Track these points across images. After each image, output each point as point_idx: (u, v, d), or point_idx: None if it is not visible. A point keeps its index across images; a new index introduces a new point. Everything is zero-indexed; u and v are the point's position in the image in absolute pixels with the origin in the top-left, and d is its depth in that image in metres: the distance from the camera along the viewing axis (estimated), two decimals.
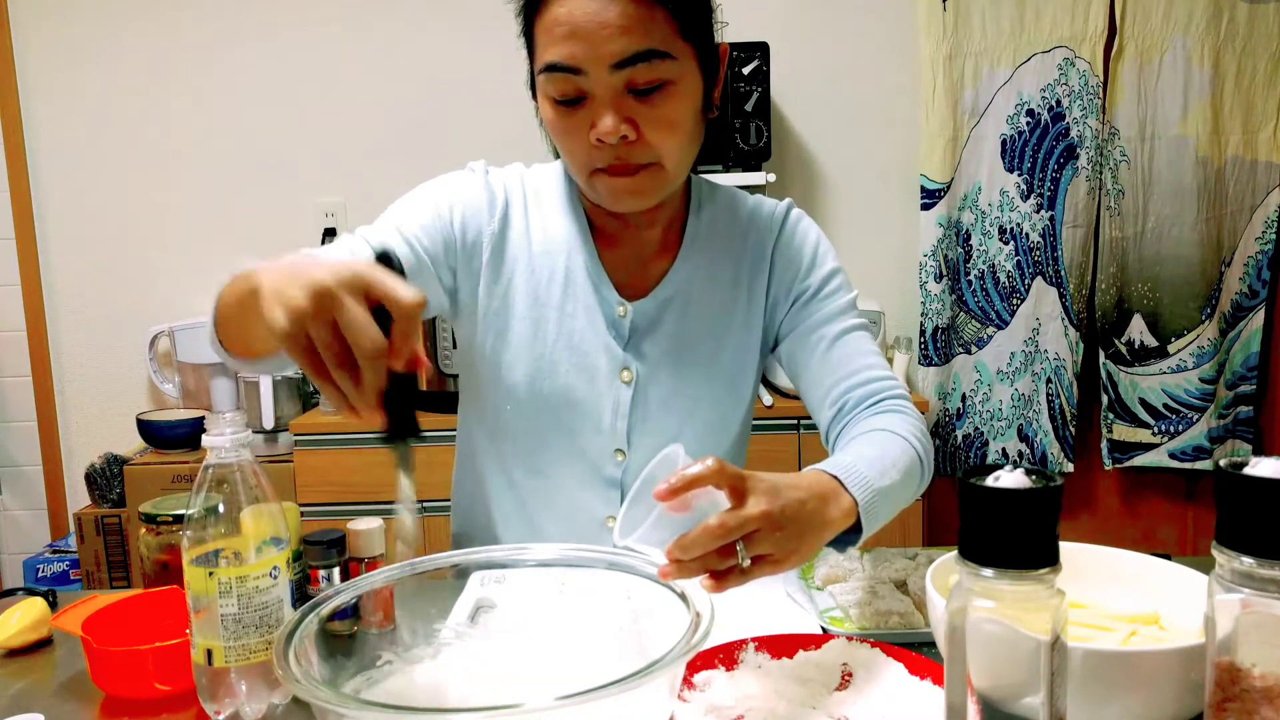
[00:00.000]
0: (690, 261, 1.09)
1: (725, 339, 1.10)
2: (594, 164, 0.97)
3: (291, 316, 0.66)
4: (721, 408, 1.11)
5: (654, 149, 0.97)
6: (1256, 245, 2.56)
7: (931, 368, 2.60)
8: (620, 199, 1.00)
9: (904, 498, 0.95)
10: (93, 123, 2.66)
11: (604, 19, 0.90)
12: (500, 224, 1.07)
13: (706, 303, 1.09)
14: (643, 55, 0.92)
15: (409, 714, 0.63)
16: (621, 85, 0.93)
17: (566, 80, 0.93)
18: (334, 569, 0.95)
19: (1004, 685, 0.56)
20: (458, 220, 1.06)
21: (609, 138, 0.93)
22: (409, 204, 1.07)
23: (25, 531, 2.80)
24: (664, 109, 0.95)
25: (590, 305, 1.07)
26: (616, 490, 1.10)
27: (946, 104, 2.53)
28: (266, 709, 0.79)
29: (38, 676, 0.92)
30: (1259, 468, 0.55)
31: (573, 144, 0.97)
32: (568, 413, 1.07)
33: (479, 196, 1.08)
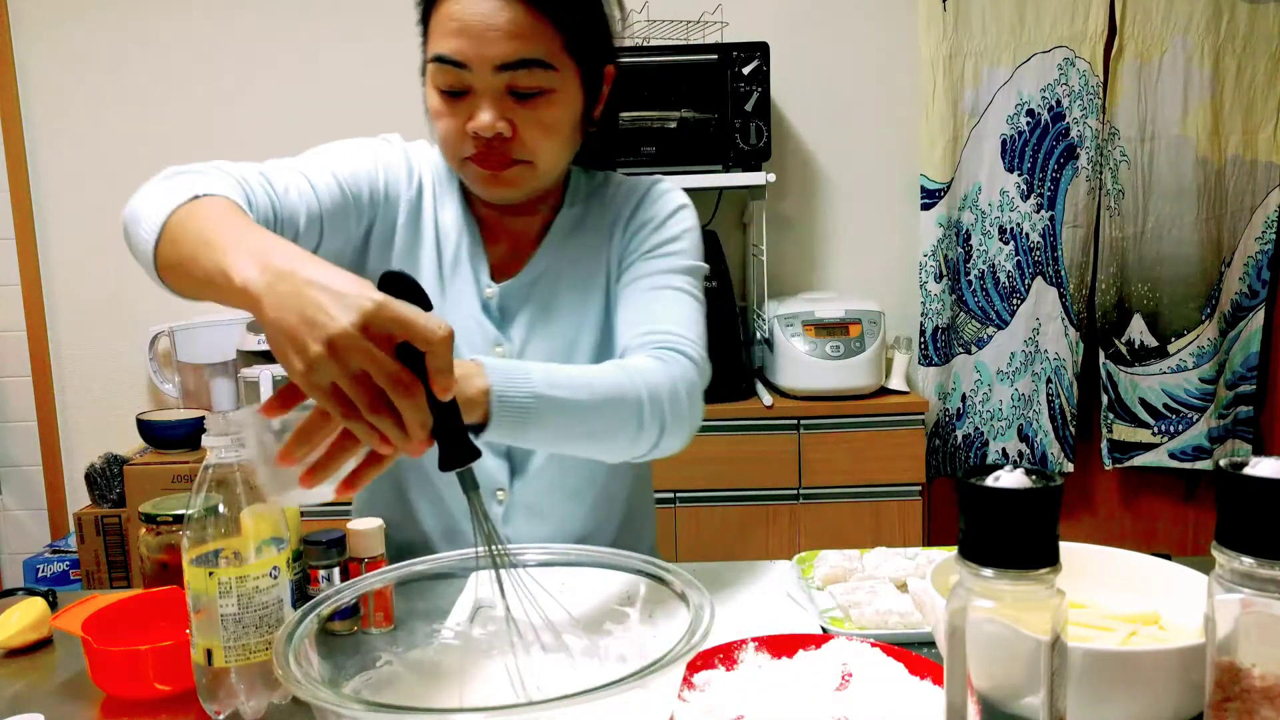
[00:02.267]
0: (555, 245, 1.13)
1: (589, 313, 1.12)
2: (464, 152, 1.02)
3: (313, 367, 0.65)
4: None
5: (528, 149, 1.01)
6: (1256, 245, 2.56)
7: (931, 368, 2.60)
8: (488, 188, 1.05)
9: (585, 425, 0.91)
10: (93, 123, 2.66)
11: (494, 22, 0.95)
12: (416, 194, 1.12)
13: (571, 282, 1.12)
14: (525, 63, 0.97)
15: (409, 714, 0.63)
16: (503, 86, 0.98)
17: (452, 73, 0.98)
18: (334, 569, 0.95)
19: (1004, 685, 0.56)
20: (382, 179, 1.10)
21: (485, 132, 0.98)
22: (337, 149, 1.10)
23: (25, 531, 2.80)
24: (541, 114, 1.00)
25: (469, 286, 1.11)
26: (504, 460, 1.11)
27: (946, 104, 2.53)
28: (266, 709, 0.79)
29: (38, 676, 0.92)
30: (1259, 468, 0.55)
31: (449, 131, 1.02)
32: None
33: (400, 163, 1.12)
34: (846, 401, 2.30)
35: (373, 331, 0.65)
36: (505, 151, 1.01)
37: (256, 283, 0.69)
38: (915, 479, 2.30)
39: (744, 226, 2.67)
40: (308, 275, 0.68)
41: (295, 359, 0.66)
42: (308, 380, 0.66)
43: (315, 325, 0.64)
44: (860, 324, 2.33)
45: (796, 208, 2.69)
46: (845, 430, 2.29)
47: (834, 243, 2.71)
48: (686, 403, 0.97)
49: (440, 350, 0.67)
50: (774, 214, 2.64)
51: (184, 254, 0.80)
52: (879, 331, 2.34)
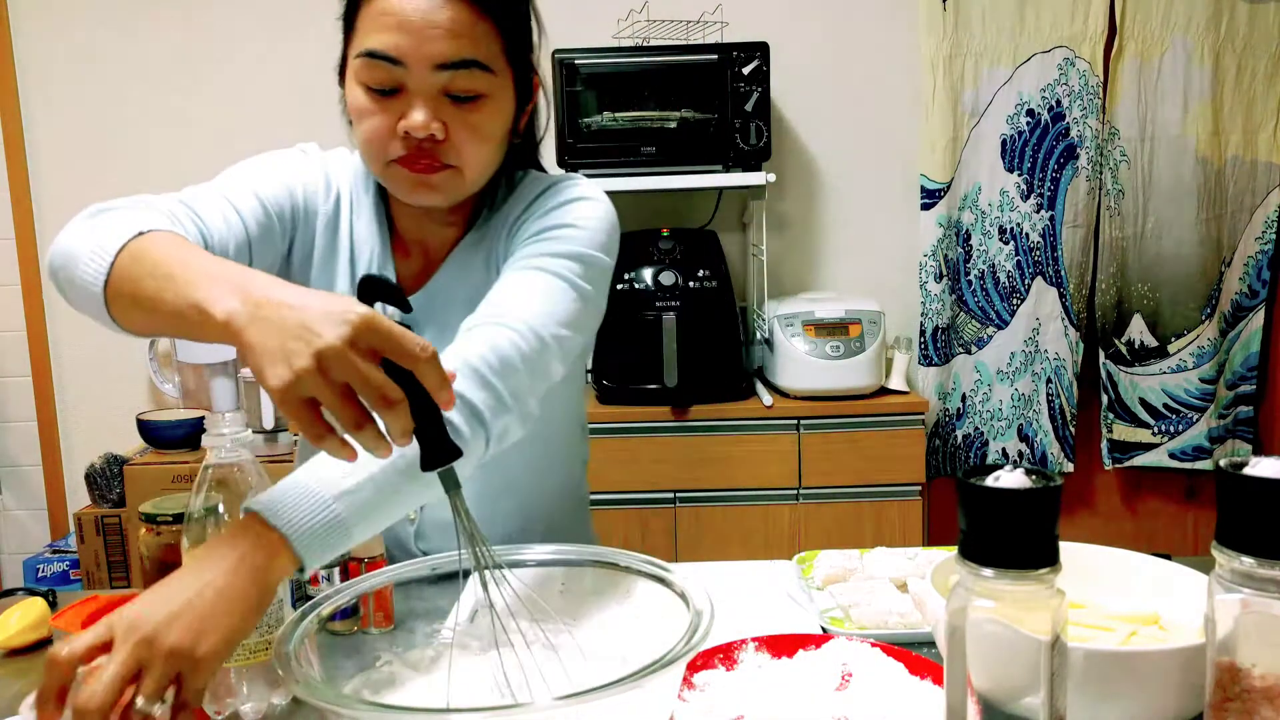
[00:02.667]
0: (458, 260, 1.08)
1: None
2: (392, 154, 0.97)
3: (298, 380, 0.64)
4: None
5: (458, 153, 0.97)
6: (1256, 245, 2.57)
7: (931, 368, 2.60)
8: (416, 191, 0.99)
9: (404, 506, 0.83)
10: (93, 123, 2.66)
11: (435, 19, 0.92)
12: (334, 207, 1.09)
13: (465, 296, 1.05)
14: (466, 63, 0.94)
15: (409, 714, 0.63)
16: (440, 87, 0.94)
17: (386, 70, 0.94)
18: (334, 569, 0.95)
19: (1004, 685, 0.56)
20: (301, 194, 1.07)
21: (418, 132, 0.94)
22: (254, 168, 1.06)
23: (25, 531, 2.80)
24: (475, 118, 0.96)
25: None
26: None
27: (946, 104, 2.53)
28: (266, 709, 0.79)
29: (38, 676, 0.91)
30: (1259, 468, 0.55)
31: (376, 131, 0.96)
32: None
33: (317, 177, 1.09)
34: (846, 401, 2.30)
35: (360, 346, 0.65)
36: (435, 154, 0.96)
37: (239, 314, 0.68)
38: (915, 479, 2.30)
39: (744, 226, 2.67)
40: (288, 299, 0.67)
41: (279, 373, 0.64)
42: (288, 396, 0.65)
43: (303, 341, 0.64)
44: (860, 324, 2.33)
45: (796, 208, 2.69)
46: (845, 430, 2.29)
47: (834, 243, 2.71)
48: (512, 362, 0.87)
49: (428, 368, 0.67)
50: (774, 214, 2.64)
51: (144, 290, 0.77)
52: (879, 331, 2.34)
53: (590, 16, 2.48)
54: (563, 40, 2.27)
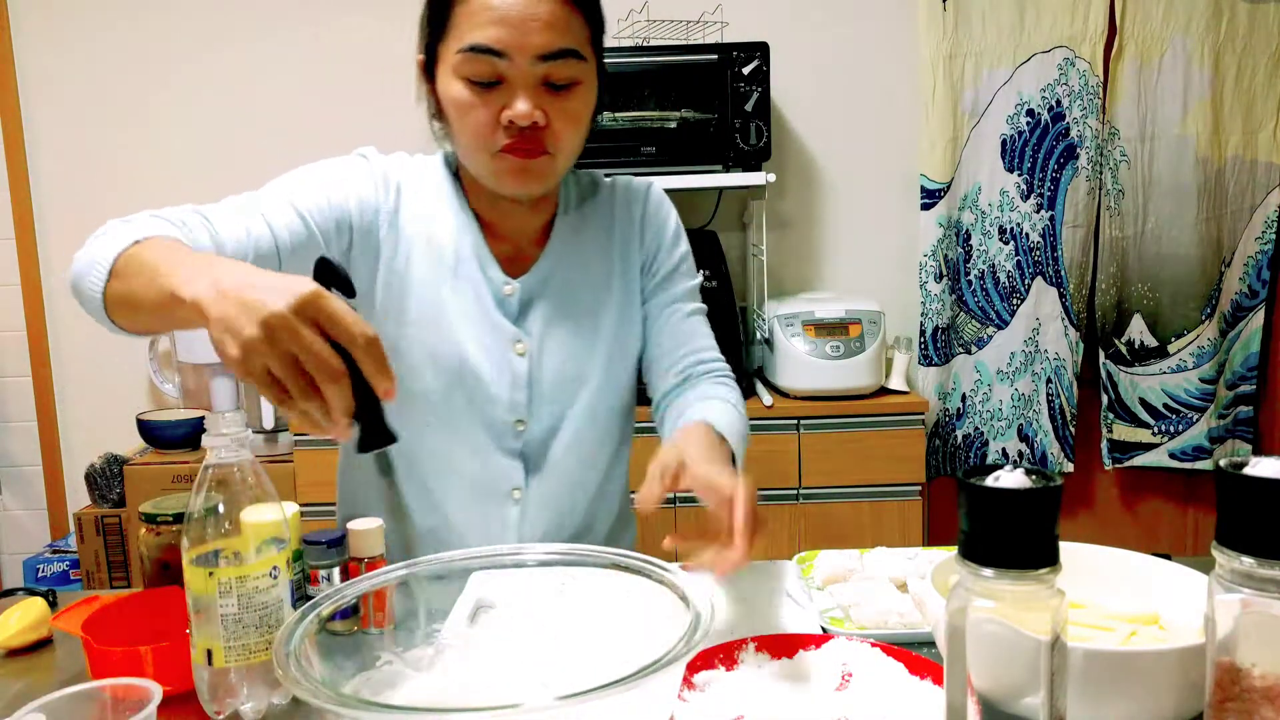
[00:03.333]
0: (561, 244, 1.15)
1: (606, 306, 1.15)
2: (497, 145, 1.02)
3: (247, 349, 0.68)
4: (612, 370, 1.16)
5: (556, 139, 1.03)
6: (1256, 245, 2.57)
7: (931, 368, 2.60)
8: (517, 180, 1.04)
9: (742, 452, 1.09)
10: (93, 123, 2.66)
11: (534, 12, 0.97)
12: (395, 202, 1.11)
13: (583, 273, 1.15)
14: (564, 53, 0.99)
15: (409, 714, 0.63)
16: (540, 77, 1.00)
17: (488, 63, 0.98)
18: (334, 569, 0.95)
19: (1004, 685, 0.56)
20: (353, 202, 1.08)
21: (523, 120, 0.99)
22: (299, 180, 1.08)
23: (25, 531, 2.80)
24: (572, 105, 1.03)
25: (479, 284, 1.11)
26: (519, 461, 1.13)
27: (946, 104, 2.53)
28: (266, 709, 0.79)
29: (38, 676, 0.92)
30: (1259, 468, 0.55)
31: (478, 123, 1.01)
32: (471, 387, 1.10)
33: (371, 179, 1.11)
34: (846, 401, 2.30)
35: (304, 316, 0.68)
36: (539, 141, 1.01)
37: (204, 295, 0.72)
38: (915, 479, 2.30)
39: (744, 226, 2.67)
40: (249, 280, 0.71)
41: (232, 345, 0.69)
42: (244, 365, 0.69)
43: (251, 310, 0.68)
44: (860, 324, 2.33)
45: (796, 208, 2.69)
46: (845, 430, 2.29)
47: (834, 243, 2.71)
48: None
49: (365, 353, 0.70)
50: (774, 214, 2.64)
51: (133, 288, 0.83)
52: (879, 331, 2.34)
53: None
54: None
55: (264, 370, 0.69)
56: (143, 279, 0.81)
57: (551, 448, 1.13)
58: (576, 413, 1.13)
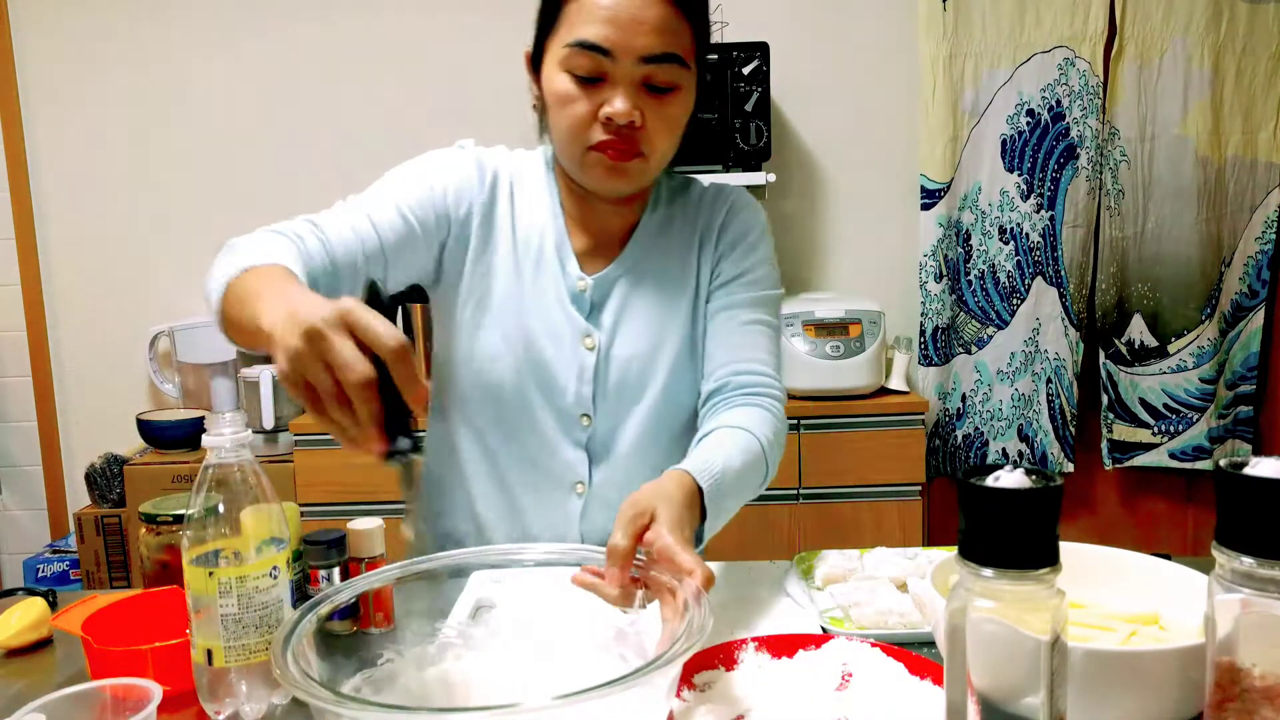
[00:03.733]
0: (643, 242, 1.17)
1: (679, 308, 1.16)
2: (592, 140, 1.04)
3: (291, 361, 0.72)
4: (680, 371, 1.17)
5: (650, 142, 1.05)
6: (1256, 245, 2.56)
7: (931, 368, 2.60)
8: (608, 179, 1.07)
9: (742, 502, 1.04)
10: (93, 123, 2.67)
11: (643, 15, 1.00)
12: (490, 195, 1.15)
13: (660, 275, 1.16)
14: (668, 57, 1.01)
15: (408, 714, 0.63)
16: (641, 78, 1.02)
17: (593, 59, 1.01)
18: (334, 569, 0.95)
19: (1004, 685, 0.56)
20: (451, 194, 1.12)
21: (621, 119, 1.01)
22: (401, 177, 1.13)
23: (25, 531, 2.80)
24: (669, 109, 1.05)
25: (556, 279, 1.14)
26: (583, 454, 1.15)
27: (946, 104, 2.53)
28: (266, 709, 0.79)
29: (38, 676, 0.92)
30: (1259, 468, 0.55)
31: (579, 116, 1.03)
32: (542, 376, 1.13)
33: (470, 171, 1.14)
34: (846, 401, 2.30)
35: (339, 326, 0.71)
36: (634, 140, 1.03)
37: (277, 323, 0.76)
38: (915, 479, 2.30)
39: None
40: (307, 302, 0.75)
41: (281, 359, 0.73)
42: (288, 376, 0.73)
43: (297, 325, 0.72)
44: (860, 324, 2.33)
45: (796, 208, 2.69)
46: (845, 430, 2.29)
47: (834, 243, 2.71)
48: (783, 437, 1.12)
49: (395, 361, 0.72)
50: (774, 214, 2.64)
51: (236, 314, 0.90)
52: (879, 331, 2.34)
53: None
54: None
55: (303, 380, 0.72)
56: (244, 306, 0.87)
57: (616, 443, 1.15)
58: (642, 410, 1.14)
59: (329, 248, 1.01)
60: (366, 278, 0.86)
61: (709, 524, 0.95)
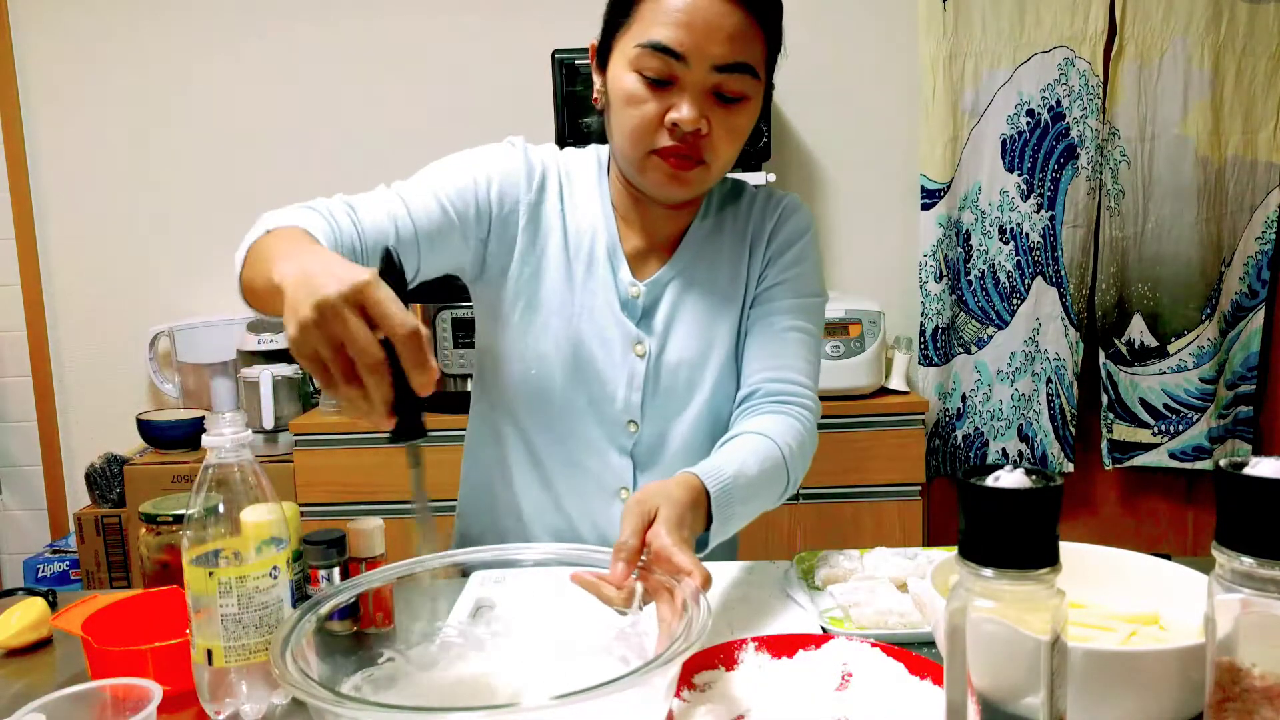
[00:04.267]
0: (694, 247, 1.15)
1: (726, 313, 1.15)
2: (655, 144, 1.02)
3: (301, 330, 0.71)
4: (725, 378, 1.16)
5: (714, 149, 1.03)
6: (1256, 245, 2.56)
7: (931, 368, 2.60)
8: (668, 185, 1.05)
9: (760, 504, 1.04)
10: (93, 123, 2.67)
11: (720, 23, 0.97)
12: (537, 194, 1.13)
13: (709, 281, 1.15)
14: (740, 66, 0.99)
15: (406, 713, 0.63)
16: (712, 85, 1.00)
17: (666, 62, 0.99)
18: (334, 569, 0.95)
19: (1004, 685, 0.56)
20: (495, 189, 1.11)
21: (688, 126, 0.99)
22: (446, 166, 1.11)
23: (25, 531, 2.80)
24: (736, 119, 1.03)
25: (608, 283, 1.12)
26: (629, 460, 1.14)
27: (946, 104, 2.53)
28: (266, 709, 0.79)
29: (38, 676, 0.92)
30: (1259, 468, 0.55)
31: (646, 118, 1.01)
32: (590, 381, 1.12)
33: (517, 168, 1.13)
34: (846, 401, 2.30)
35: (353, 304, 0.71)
36: (698, 148, 1.02)
37: (289, 280, 0.75)
38: (915, 479, 2.30)
39: None
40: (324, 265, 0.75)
41: (291, 325, 0.72)
42: (297, 347, 0.72)
43: (312, 293, 0.71)
44: (860, 324, 2.33)
45: None
46: (845, 430, 2.29)
47: (834, 243, 2.71)
48: (809, 449, 1.13)
49: (406, 346, 0.71)
50: None
51: (253, 275, 0.89)
52: (879, 331, 2.34)
53: (590, 16, 2.48)
54: (563, 40, 2.27)
55: (314, 353, 0.72)
56: (260, 266, 0.86)
57: (662, 450, 1.14)
58: (689, 417, 1.14)
59: (360, 229, 1.00)
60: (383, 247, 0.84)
61: (715, 529, 0.95)
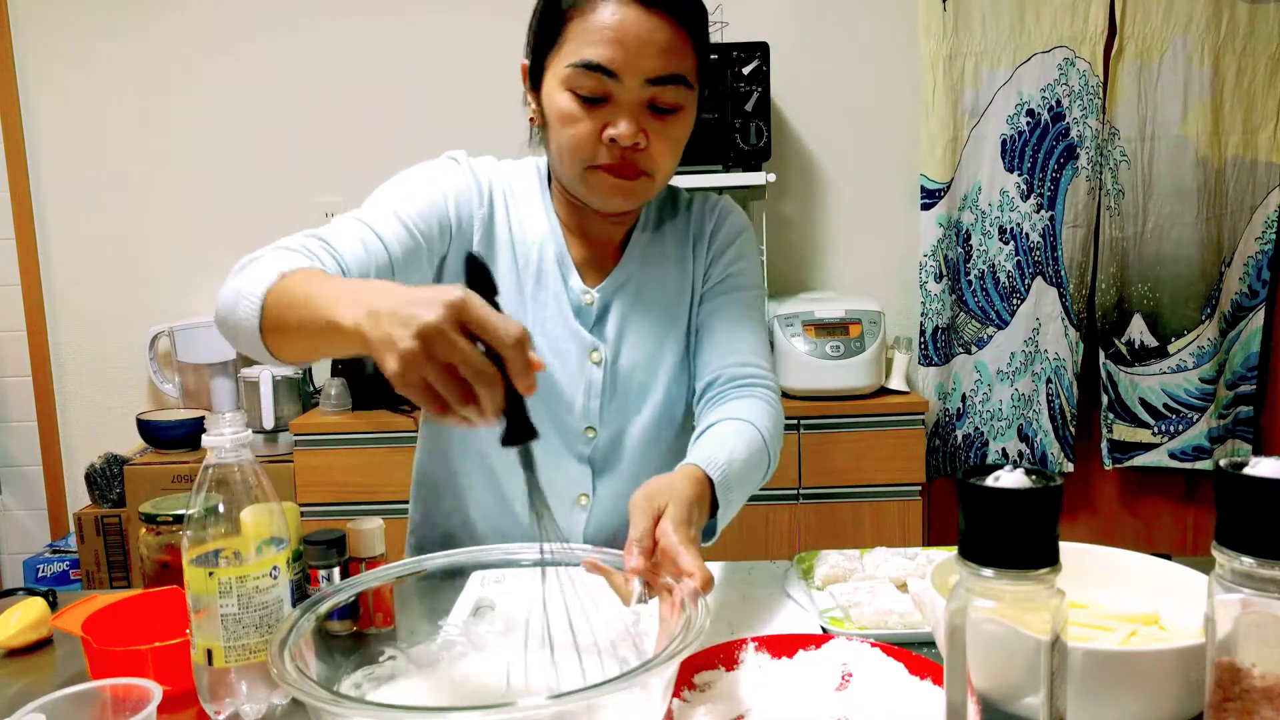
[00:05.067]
0: (639, 252, 1.17)
1: (676, 316, 1.17)
2: (595, 160, 1.03)
3: (405, 362, 0.69)
4: (678, 378, 1.18)
5: (654, 161, 1.04)
6: (1256, 245, 2.56)
7: (931, 368, 2.60)
8: (612, 197, 1.06)
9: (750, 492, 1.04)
10: (93, 123, 2.67)
11: (651, 38, 0.98)
12: (489, 209, 1.13)
13: (658, 285, 1.17)
14: (673, 78, 1.00)
15: (403, 713, 0.63)
16: (646, 99, 1.01)
17: (598, 80, 0.99)
18: (334, 569, 0.95)
19: (1004, 685, 0.56)
20: (451, 205, 1.10)
21: (626, 141, 1.00)
22: (400, 187, 1.10)
23: (25, 531, 2.80)
24: (673, 130, 1.04)
25: (559, 293, 1.13)
26: (587, 466, 1.15)
27: (946, 104, 2.53)
28: (266, 709, 0.79)
29: (38, 676, 0.92)
30: (1259, 468, 0.55)
31: (579, 138, 1.02)
32: (547, 394, 1.12)
33: (468, 183, 1.12)
34: (846, 401, 2.30)
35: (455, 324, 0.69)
36: (635, 163, 1.03)
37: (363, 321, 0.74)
38: (915, 479, 2.30)
39: None
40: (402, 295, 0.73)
41: (391, 359, 0.70)
42: (404, 378, 0.70)
43: (408, 323, 0.69)
44: (860, 324, 2.33)
45: (796, 208, 2.69)
46: (845, 430, 2.29)
47: (834, 243, 2.71)
48: (781, 427, 1.12)
49: (513, 354, 0.70)
50: (774, 214, 2.64)
51: (290, 321, 0.85)
52: (879, 331, 2.34)
53: None
54: None
55: (421, 381, 0.70)
56: (301, 310, 0.83)
57: (618, 453, 1.15)
58: (643, 418, 1.15)
59: (342, 265, 0.99)
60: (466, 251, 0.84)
61: (721, 514, 0.95)
